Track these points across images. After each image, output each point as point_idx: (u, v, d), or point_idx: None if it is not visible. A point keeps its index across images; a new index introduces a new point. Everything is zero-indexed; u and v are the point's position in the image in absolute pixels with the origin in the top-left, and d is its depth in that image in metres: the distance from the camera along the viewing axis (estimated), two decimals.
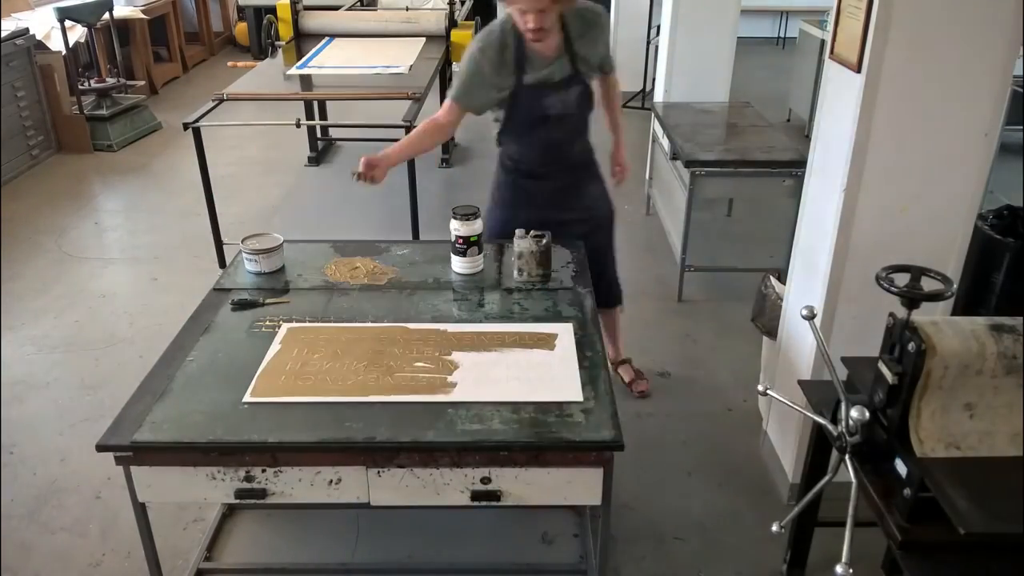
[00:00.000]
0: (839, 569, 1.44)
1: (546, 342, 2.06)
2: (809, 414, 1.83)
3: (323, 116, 5.90)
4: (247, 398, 1.85)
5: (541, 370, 1.94)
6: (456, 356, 2.01)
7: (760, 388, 1.87)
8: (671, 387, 3.19)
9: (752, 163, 3.66)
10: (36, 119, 5.71)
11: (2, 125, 5.27)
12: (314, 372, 1.94)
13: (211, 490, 1.81)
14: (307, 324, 2.17)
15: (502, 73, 2.44)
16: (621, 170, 2.87)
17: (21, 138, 5.55)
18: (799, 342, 2.44)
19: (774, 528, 1.72)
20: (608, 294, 2.83)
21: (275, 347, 2.05)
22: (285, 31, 5.18)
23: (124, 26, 7.03)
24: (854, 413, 1.56)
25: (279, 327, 2.16)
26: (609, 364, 2.59)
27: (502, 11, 2.45)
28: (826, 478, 1.69)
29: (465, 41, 5.21)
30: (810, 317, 1.80)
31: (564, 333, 2.10)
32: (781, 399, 1.92)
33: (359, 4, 6.30)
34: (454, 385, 1.89)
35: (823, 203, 2.28)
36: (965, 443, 1.57)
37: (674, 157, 3.97)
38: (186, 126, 3.71)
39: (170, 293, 3.91)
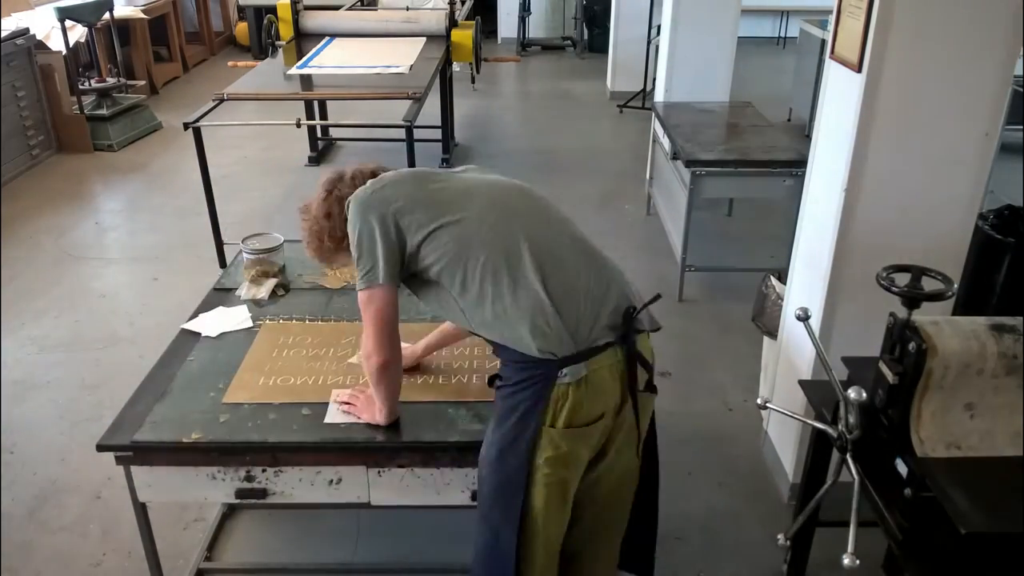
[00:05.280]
0: (846, 560, 1.45)
1: None
2: (808, 421, 1.83)
3: (323, 116, 5.90)
4: (224, 399, 1.86)
5: None
6: (435, 353, 2.02)
7: (759, 401, 1.87)
8: (671, 387, 3.19)
9: (752, 163, 3.66)
10: (36, 119, 5.71)
11: (2, 125, 5.27)
12: (292, 372, 1.96)
13: (211, 490, 1.81)
14: (280, 321, 2.19)
15: None
16: None
17: (21, 138, 5.54)
18: (800, 342, 2.44)
19: (780, 540, 1.72)
20: None
21: (253, 346, 2.08)
22: (285, 31, 5.18)
23: (124, 26, 7.03)
24: (852, 394, 1.56)
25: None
26: None
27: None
28: (827, 484, 1.69)
29: (466, 41, 5.21)
30: (804, 318, 1.80)
31: None
32: (780, 410, 1.92)
33: (359, 4, 6.30)
34: (434, 385, 1.90)
35: (824, 203, 2.28)
36: (965, 443, 1.56)
37: (674, 157, 3.97)
38: (186, 126, 3.70)
39: (170, 293, 3.91)
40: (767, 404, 1.87)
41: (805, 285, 2.42)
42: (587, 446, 1.57)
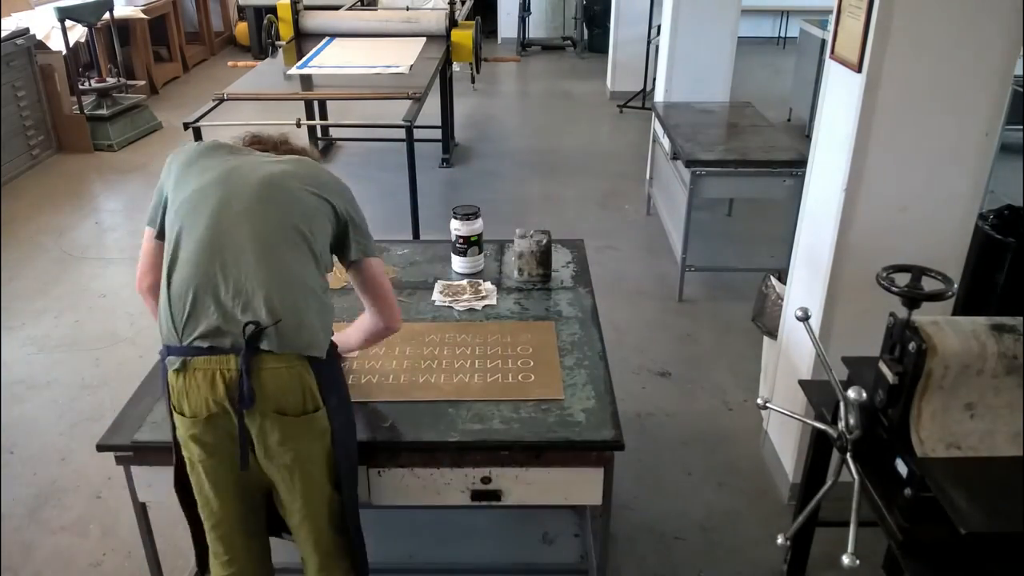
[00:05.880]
0: (845, 559, 1.45)
1: (527, 341, 2.07)
2: (808, 421, 1.83)
3: (323, 116, 5.90)
4: None
5: (523, 368, 1.96)
6: (435, 352, 2.02)
7: (759, 401, 1.86)
8: (671, 387, 3.19)
9: (752, 163, 3.66)
10: (36, 119, 5.71)
11: (2, 125, 5.27)
12: None
13: None
14: None
15: None
16: None
17: (21, 138, 5.55)
18: (800, 342, 2.44)
19: (779, 540, 1.72)
20: None
21: None
22: (285, 31, 5.18)
23: (124, 26, 7.03)
24: (852, 394, 1.56)
25: None
26: None
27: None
28: (828, 484, 1.69)
29: (466, 41, 5.21)
30: (804, 318, 1.80)
31: (546, 332, 2.10)
32: (780, 410, 1.92)
33: (359, 4, 6.30)
34: (435, 384, 1.90)
35: (824, 203, 2.28)
36: (966, 443, 1.56)
37: (674, 157, 3.97)
38: (186, 126, 3.70)
39: None
40: (767, 404, 1.87)
41: (805, 285, 2.42)
42: (203, 438, 1.58)
